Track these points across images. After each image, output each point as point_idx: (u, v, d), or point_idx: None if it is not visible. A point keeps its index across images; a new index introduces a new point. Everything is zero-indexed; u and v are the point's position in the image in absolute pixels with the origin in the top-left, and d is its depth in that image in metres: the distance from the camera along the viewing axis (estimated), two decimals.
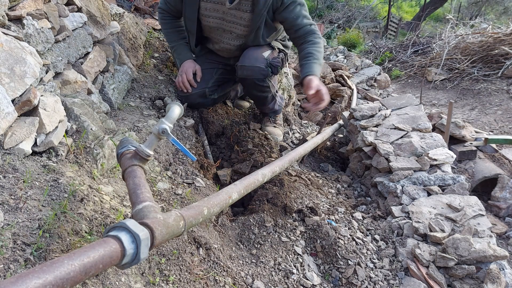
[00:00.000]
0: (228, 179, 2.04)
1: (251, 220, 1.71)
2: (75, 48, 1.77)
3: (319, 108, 1.94)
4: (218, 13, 2.18)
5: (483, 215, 1.85)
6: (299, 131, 3.10)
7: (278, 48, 2.39)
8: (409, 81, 6.04)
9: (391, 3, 13.24)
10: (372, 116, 2.80)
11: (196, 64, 2.39)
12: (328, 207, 2.02)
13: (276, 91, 2.56)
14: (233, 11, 2.14)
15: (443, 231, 1.75)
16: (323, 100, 1.89)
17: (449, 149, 2.54)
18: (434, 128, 2.82)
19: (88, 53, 1.91)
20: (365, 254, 1.70)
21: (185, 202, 1.59)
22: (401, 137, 2.48)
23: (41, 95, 1.34)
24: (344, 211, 2.01)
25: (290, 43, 2.60)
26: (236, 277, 1.39)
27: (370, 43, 9.16)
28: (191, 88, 2.34)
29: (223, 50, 2.41)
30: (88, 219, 1.14)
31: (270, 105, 2.55)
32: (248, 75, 2.25)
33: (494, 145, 2.78)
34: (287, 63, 3.04)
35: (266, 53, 2.26)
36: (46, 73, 1.50)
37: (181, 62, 2.39)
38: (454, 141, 2.75)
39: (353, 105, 4.02)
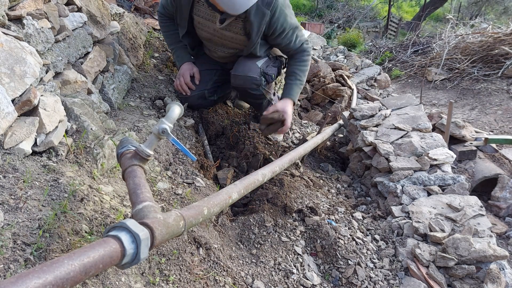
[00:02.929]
0: (228, 182, 2.04)
1: (251, 220, 1.71)
2: (75, 48, 1.77)
3: (271, 132, 2.17)
4: (209, 29, 2.19)
5: (483, 215, 1.85)
6: (299, 131, 3.10)
7: (276, 55, 2.38)
8: (409, 81, 6.04)
9: (391, 3, 13.23)
10: (372, 116, 2.80)
11: (194, 67, 2.39)
12: (328, 207, 2.02)
13: (274, 94, 2.56)
14: (224, 31, 2.15)
15: (443, 231, 1.75)
16: (283, 126, 2.13)
17: (449, 149, 2.54)
18: (434, 128, 2.82)
19: (88, 53, 1.91)
20: (365, 254, 1.70)
21: (185, 202, 1.59)
22: (401, 137, 2.48)
23: (41, 95, 1.34)
24: (344, 211, 2.01)
25: None
26: (236, 277, 1.39)
27: (370, 43, 9.16)
28: (191, 90, 2.34)
29: (218, 57, 2.42)
30: (88, 219, 1.14)
31: (266, 109, 2.55)
32: (240, 85, 2.25)
33: (494, 145, 2.78)
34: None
35: (260, 62, 2.25)
36: (46, 73, 1.50)
37: (180, 64, 2.39)
38: (454, 141, 2.75)
39: (353, 105, 4.02)
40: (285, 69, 2.83)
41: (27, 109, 1.25)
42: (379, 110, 2.87)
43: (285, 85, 2.25)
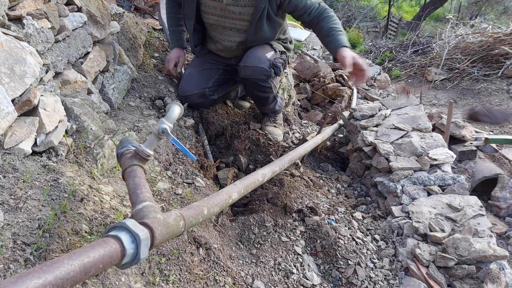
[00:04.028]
0: (228, 182, 2.04)
1: (251, 220, 1.71)
2: (75, 48, 1.77)
3: (363, 81, 1.97)
4: (216, 10, 2.19)
5: (483, 215, 1.85)
6: (299, 131, 3.10)
7: (280, 50, 2.39)
8: (409, 81, 6.04)
9: (391, 3, 13.22)
10: (372, 116, 2.80)
11: (182, 54, 2.48)
12: (328, 207, 2.02)
13: (277, 92, 2.56)
14: (231, 7, 2.14)
15: (443, 231, 1.75)
16: (363, 71, 1.90)
17: (449, 149, 2.54)
18: (434, 128, 2.82)
19: (88, 53, 1.91)
20: (365, 254, 1.70)
21: (185, 202, 1.59)
22: (401, 137, 2.48)
23: (41, 95, 1.34)
24: (344, 211, 2.01)
25: (291, 46, 2.60)
26: (236, 277, 1.39)
27: (370, 43, 9.15)
28: (191, 89, 2.35)
29: (224, 49, 2.41)
30: (88, 219, 1.14)
31: (271, 105, 2.56)
32: (250, 75, 2.25)
33: (494, 145, 2.78)
34: (287, 64, 3.05)
35: (269, 54, 2.27)
36: (46, 73, 1.50)
37: (171, 48, 2.48)
38: (454, 141, 2.75)
39: (353, 105, 4.02)
40: (286, 68, 2.84)
41: (27, 109, 1.25)
42: (379, 110, 2.87)
43: (330, 40, 2.07)
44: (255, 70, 2.21)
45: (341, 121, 3.19)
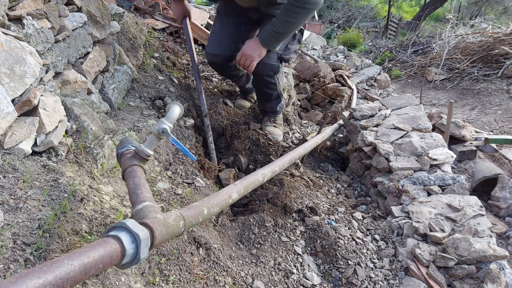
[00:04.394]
0: (230, 182, 2.04)
1: (251, 220, 1.71)
2: (75, 48, 1.77)
3: (247, 70, 2.15)
4: None
5: (483, 215, 1.85)
6: (299, 131, 3.09)
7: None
8: (409, 81, 6.04)
9: (391, 3, 13.22)
10: (372, 116, 2.80)
11: (186, 9, 2.48)
12: (328, 207, 2.02)
13: (282, 91, 2.57)
14: None
15: (443, 231, 1.75)
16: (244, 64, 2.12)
17: (449, 149, 2.54)
18: (434, 128, 2.82)
19: (88, 53, 1.91)
20: (365, 254, 1.70)
21: (185, 202, 1.59)
22: (401, 137, 2.48)
23: (41, 95, 1.34)
24: (344, 211, 2.01)
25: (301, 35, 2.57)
26: (236, 277, 1.39)
27: (370, 43, 9.16)
28: (222, 50, 2.38)
29: None
30: (88, 219, 1.14)
31: (274, 103, 2.57)
32: (258, 71, 2.29)
33: (494, 145, 2.78)
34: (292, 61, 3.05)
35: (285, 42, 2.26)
36: (46, 73, 1.50)
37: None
38: (454, 141, 2.75)
39: (353, 105, 4.02)
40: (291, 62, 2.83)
41: (27, 109, 1.25)
42: (379, 110, 2.87)
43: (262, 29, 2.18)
44: (264, 66, 2.25)
45: (341, 121, 3.19)
